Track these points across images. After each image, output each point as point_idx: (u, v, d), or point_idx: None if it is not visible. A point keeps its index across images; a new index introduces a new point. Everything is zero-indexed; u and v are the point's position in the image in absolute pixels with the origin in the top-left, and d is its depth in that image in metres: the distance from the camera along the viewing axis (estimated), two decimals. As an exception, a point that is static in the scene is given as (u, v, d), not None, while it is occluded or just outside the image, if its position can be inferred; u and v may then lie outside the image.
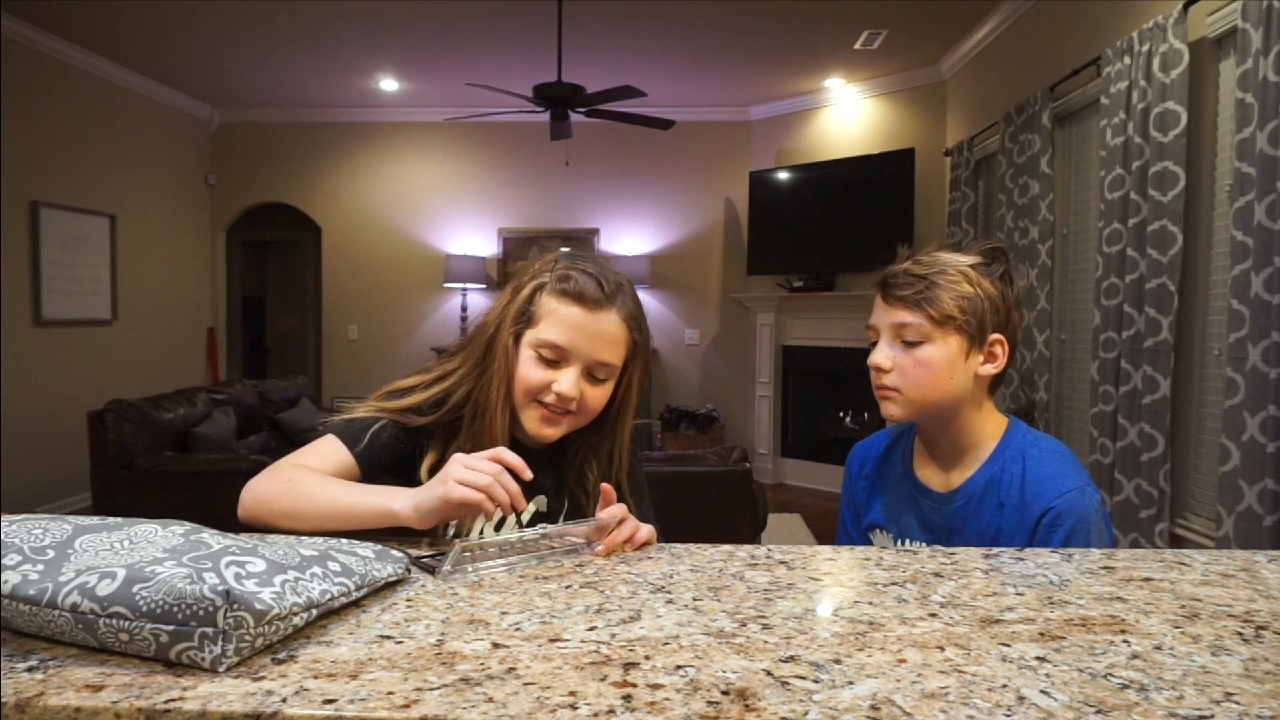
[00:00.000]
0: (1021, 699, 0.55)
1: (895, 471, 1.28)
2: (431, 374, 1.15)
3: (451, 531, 1.05)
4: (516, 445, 1.12)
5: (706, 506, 3.02)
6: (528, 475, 0.93)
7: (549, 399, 1.08)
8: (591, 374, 1.09)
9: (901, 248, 1.20)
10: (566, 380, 1.07)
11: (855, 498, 1.34)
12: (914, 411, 1.16)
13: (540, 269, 1.13)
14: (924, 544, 1.19)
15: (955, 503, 1.17)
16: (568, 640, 0.65)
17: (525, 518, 0.94)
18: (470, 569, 0.83)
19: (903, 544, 1.22)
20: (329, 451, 1.07)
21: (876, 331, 1.18)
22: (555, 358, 1.08)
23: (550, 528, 0.92)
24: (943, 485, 1.20)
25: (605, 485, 1.00)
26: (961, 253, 1.17)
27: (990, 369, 1.14)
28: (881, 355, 1.15)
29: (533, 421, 1.10)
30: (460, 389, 1.12)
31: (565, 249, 1.19)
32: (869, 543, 1.29)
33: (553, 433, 1.10)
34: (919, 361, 1.12)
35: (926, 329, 1.12)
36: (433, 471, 0.98)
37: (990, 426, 1.18)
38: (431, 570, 0.82)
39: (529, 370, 1.08)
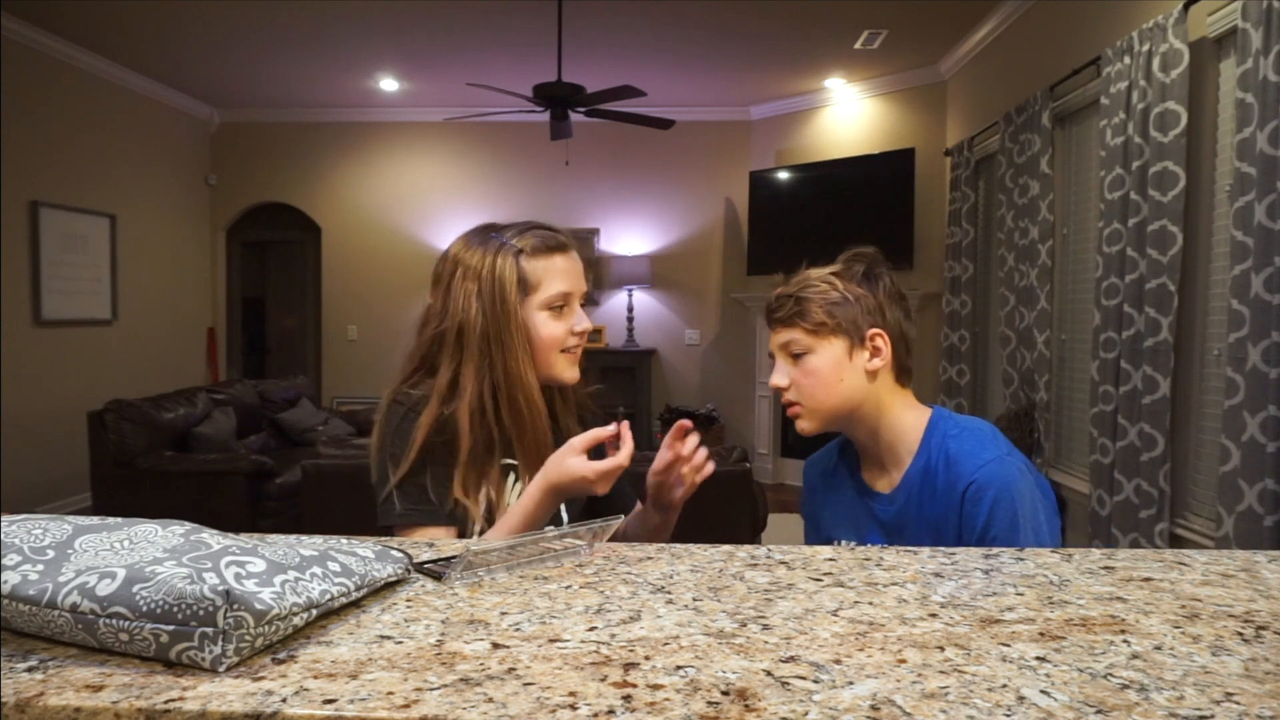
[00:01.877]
0: (1021, 699, 0.55)
1: (845, 481, 1.31)
2: (432, 398, 1.16)
3: (478, 528, 1.12)
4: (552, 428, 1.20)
5: (706, 506, 3.02)
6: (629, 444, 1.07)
7: (572, 342, 1.19)
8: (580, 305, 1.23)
9: (778, 277, 1.27)
10: (582, 318, 1.21)
11: (813, 511, 1.38)
12: (820, 420, 1.21)
13: (493, 248, 1.17)
14: (885, 546, 1.20)
15: (898, 500, 1.20)
16: (568, 640, 0.65)
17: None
18: (475, 577, 0.83)
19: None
20: (432, 537, 1.10)
21: (773, 357, 1.25)
22: (563, 303, 1.18)
23: (552, 530, 0.92)
24: (886, 486, 1.23)
25: (682, 421, 1.13)
26: (828, 265, 1.23)
27: (878, 363, 1.19)
28: (778, 375, 1.23)
29: (565, 369, 1.20)
30: (470, 387, 1.14)
31: (484, 224, 1.29)
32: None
33: (577, 371, 1.22)
34: (807, 372, 1.19)
35: (805, 341, 1.19)
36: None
37: (909, 419, 1.21)
38: (438, 577, 0.82)
39: (550, 328, 1.17)
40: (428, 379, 1.19)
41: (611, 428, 1.09)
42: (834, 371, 1.18)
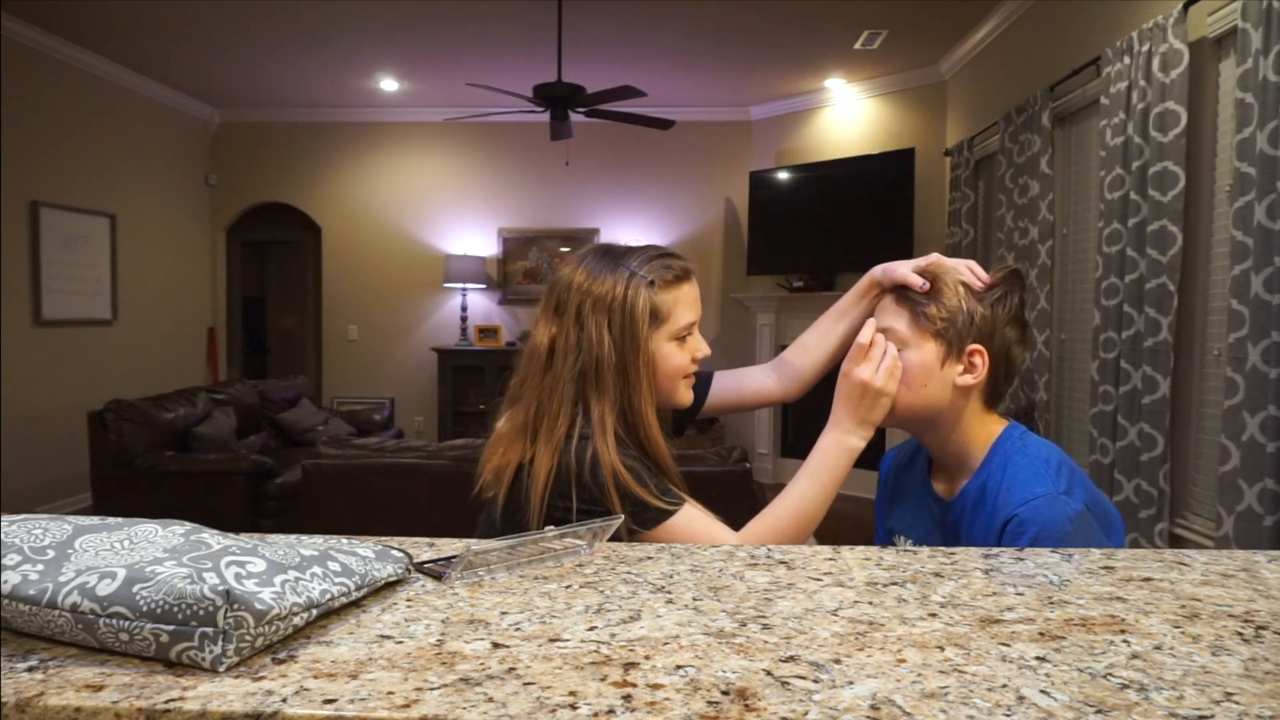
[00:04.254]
0: (1021, 699, 0.55)
1: (916, 479, 1.28)
2: (596, 433, 1.11)
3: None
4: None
5: (706, 506, 3.02)
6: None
7: (692, 369, 1.20)
8: None
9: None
10: (703, 344, 1.21)
11: (881, 501, 1.36)
12: (892, 418, 1.16)
13: (624, 279, 1.13)
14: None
15: (954, 511, 1.17)
16: (568, 640, 0.65)
17: None
18: (475, 576, 0.83)
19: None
20: (696, 518, 1.11)
21: None
22: (689, 332, 1.18)
23: (552, 530, 0.92)
24: (948, 493, 1.20)
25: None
26: (975, 267, 1.17)
27: (969, 380, 1.13)
28: None
29: (685, 394, 1.21)
30: (610, 423, 1.12)
31: (602, 248, 1.25)
32: (892, 545, 1.30)
33: (692, 393, 1.23)
34: None
35: (902, 334, 1.14)
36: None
37: (982, 435, 1.16)
38: (438, 576, 0.82)
39: (677, 358, 1.17)
40: (583, 416, 1.13)
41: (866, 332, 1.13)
42: (920, 375, 1.13)
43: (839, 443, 1.13)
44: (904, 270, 1.17)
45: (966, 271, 1.16)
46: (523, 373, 1.18)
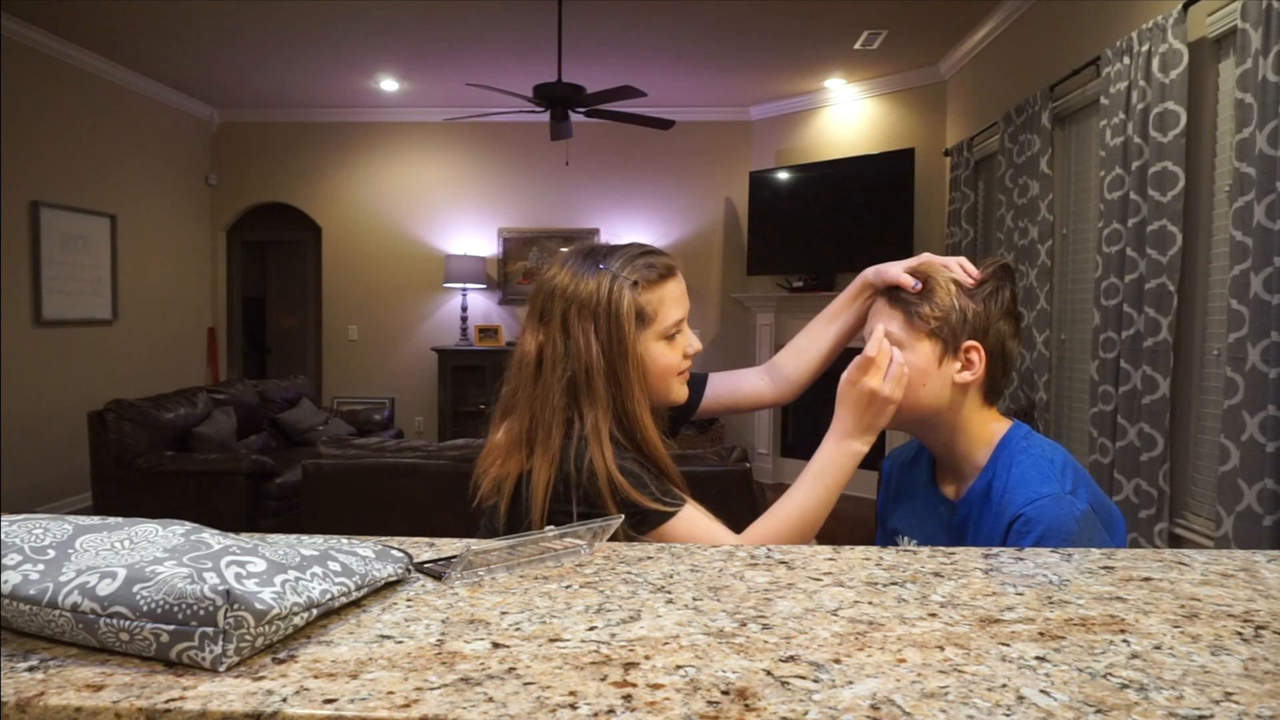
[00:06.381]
0: (1021, 699, 0.55)
1: (920, 479, 1.28)
2: (590, 440, 1.10)
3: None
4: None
5: (706, 506, 3.02)
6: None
7: (685, 366, 1.19)
8: None
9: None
10: (693, 338, 1.20)
11: (884, 503, 1.35)
12: (894, 420, 1.15)
13: (606, 281, 1.12)
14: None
15: (961, 512, 1.17)
16: (568, 640, 0.65)
17: None
18: (476, 576, 0.83)
19: None
20: (696, 519, 1.10)
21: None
22: (678, 330, 1.16)
23: (552, 530, 0.92)
24: (954, 494, 1.20)
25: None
26: (962, 261, 1.17)
27: (967, 376, 1.13)
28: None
29: (679, 391, 1.20)
30: (605, 429, 1.11)
31: (584, 249, 1.24)
32: (894, 545, 1.29)
33: (686, 388, 1.22)
34: None
35: (900, 337, 1.13)
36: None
37: (985, 435, 1.16)
38: (438, 576, 0.82)
39: (668, 357, 1.16)
40: (579, 423, 1.12)
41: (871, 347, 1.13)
42: (918, 375, 1.12)
43: (843, 448, 1.13)
44: (895, 271, 1.17)
45: (957, 269, 1.15)
46: (513, 383, 1.16)
